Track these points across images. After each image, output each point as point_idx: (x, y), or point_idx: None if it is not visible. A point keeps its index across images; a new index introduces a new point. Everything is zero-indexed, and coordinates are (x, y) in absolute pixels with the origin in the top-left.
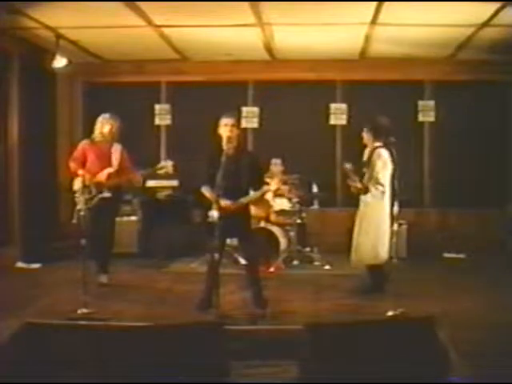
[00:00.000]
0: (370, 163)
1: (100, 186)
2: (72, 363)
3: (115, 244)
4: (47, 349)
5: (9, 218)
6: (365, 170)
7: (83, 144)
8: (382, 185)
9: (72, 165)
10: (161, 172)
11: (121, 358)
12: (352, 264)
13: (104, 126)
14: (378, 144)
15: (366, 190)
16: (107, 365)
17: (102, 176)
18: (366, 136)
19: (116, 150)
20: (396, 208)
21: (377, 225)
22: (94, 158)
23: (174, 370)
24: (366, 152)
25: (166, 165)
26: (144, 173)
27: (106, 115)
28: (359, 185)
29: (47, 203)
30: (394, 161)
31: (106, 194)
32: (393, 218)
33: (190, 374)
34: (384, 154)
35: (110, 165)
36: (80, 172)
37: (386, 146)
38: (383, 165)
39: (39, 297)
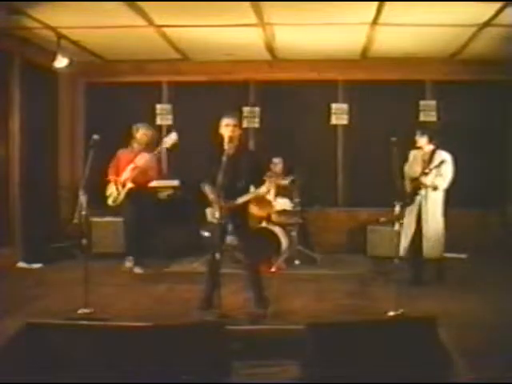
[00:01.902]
0: (436, 162)
1: (124, 183)
2: (72, 363)
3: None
4: (47, 349)
5: (10, 218)
6: (428, 169)
7: (118, 152)
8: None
9: (109, 172)
10: (168, 146)
11: (121, 358)
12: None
13: (136, 134)
14: (433, 146)
15: (435, 187)
16: (107, 365)
17: (126, 174)
18: (421, 139)
19: (144, 155)
20: (397, 208)
21: (438, 221)
22: (124, 163)
23: (174, 369)
24: (418, 153)
25: (170, 137)
26: (156, 154)
27: (139, 124)
28: (429, 182)
29: (48, 203)
30: None
31: (129, 185)
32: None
33: (191, 373)
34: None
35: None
36: (112, 177)
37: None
38: (451, 166)
39: (40, 297)
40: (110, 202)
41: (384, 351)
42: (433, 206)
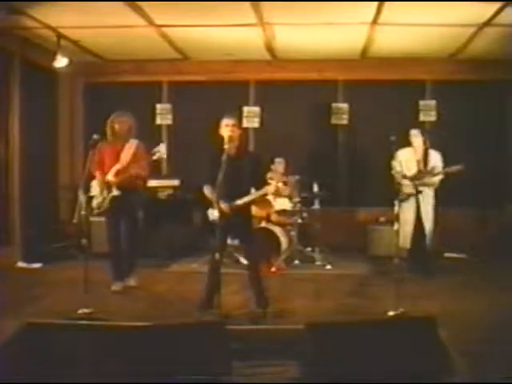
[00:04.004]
0: (438, 164)
1: (109, 186)
2: (72, 363)
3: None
4: (47, 349)
5: (9, 218)
6: (426, 167)
7: (99, 145)
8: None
9: (89, 167)
10: (156, 158)
11: (121, 358)
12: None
13: (113, 124)
14: (425, 146)
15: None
16: (107, 365)
17: (110, 174)
18: (418, 139)
19: (130, 148)
20: (397, 207)
21: (433, 217)
22: (108, 158)
23: (174, 369)
24: (410, 152)
25: (159, 149)
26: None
27: (115, 114)
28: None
29: (48, 203)
30: None
31: (115, 193)
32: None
33: (191, 373)
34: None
35: (118, 161)
36: (97, 173)
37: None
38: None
39: (40, 297)
40: (94, 209)
41: (384, 351)
42: (431, 203)
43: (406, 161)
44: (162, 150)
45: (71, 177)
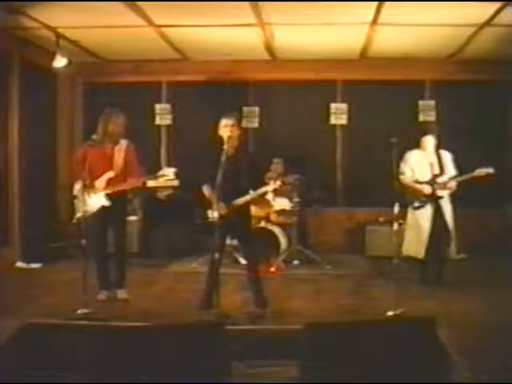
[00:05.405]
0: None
1: (97, 193)
2: (72, 363)
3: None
4: (47, 349)
5: (9, 218)
6: (442, 169)
7: (85, 146)
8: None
9: (73, 168)
10: (161, 179)
11: (121, 358)
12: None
13: (108, 124)
14: (435, 148)
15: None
16: (107, 365)
17: (102, 182)
18: (432, 142)
19: (120, 150)
20: (396, 208)
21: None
22: (95, 159)
23: (174, 370)
24: (420, 155)
25: (167, 172)
26: (146, 179)
27: (109, 112)
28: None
29: (47, 203)
30: None
31: (106, 203)
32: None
33: (191, 373)
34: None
35: (111, 167)
36: (84, 176)
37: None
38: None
39: (39, 297)
40: (78, 214)
41: (383, 351)
42: (449, 207)
43: (417, 164)
44: (170, 175)
45: (70, 177)
